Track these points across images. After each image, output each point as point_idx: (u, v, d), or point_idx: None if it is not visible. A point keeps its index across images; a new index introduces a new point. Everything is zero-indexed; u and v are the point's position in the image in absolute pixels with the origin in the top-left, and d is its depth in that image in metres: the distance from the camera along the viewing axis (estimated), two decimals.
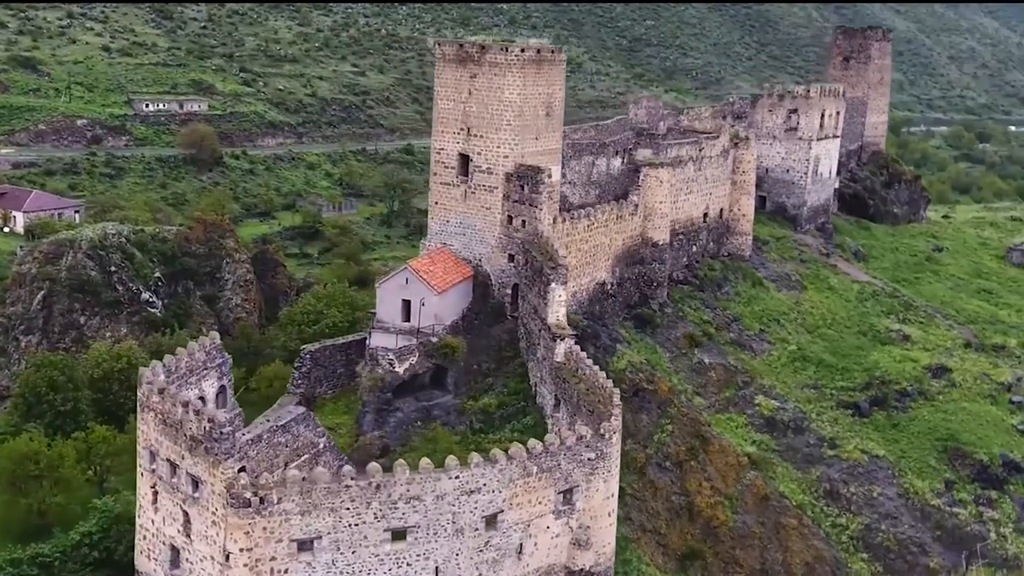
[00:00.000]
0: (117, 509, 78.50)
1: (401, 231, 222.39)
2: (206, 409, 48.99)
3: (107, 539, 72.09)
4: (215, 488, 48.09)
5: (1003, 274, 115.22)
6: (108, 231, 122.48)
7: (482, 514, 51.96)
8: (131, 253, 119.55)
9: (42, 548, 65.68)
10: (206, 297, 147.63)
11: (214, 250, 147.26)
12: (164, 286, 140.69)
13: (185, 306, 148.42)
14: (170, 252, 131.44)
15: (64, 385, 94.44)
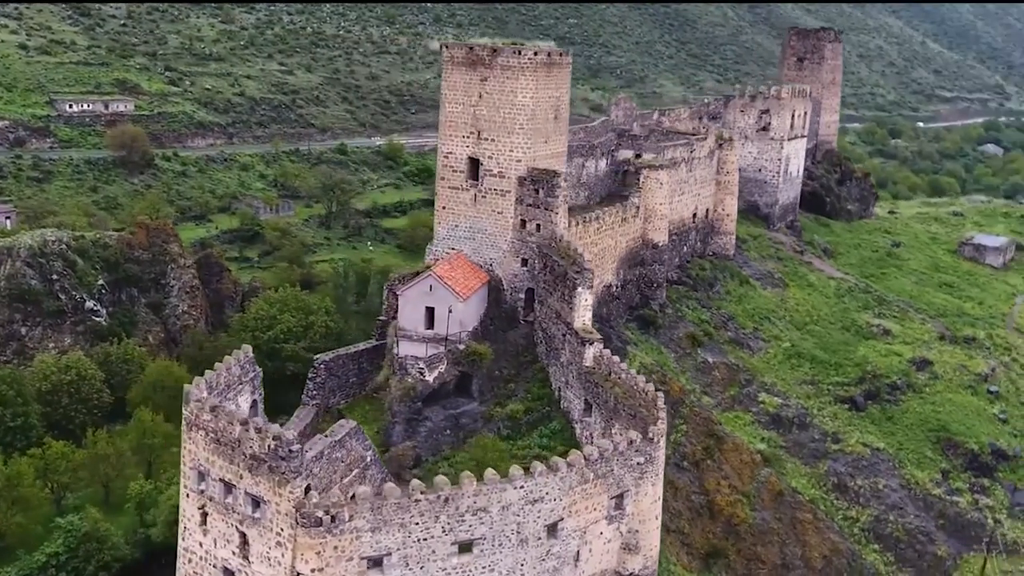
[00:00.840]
0: (84, 528, 75.88)
1: (340, 232, 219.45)
2: (271, 427, 47.40)
3: (75, 559, 69.89)
4: (281, 508, 46.71)
5: (959, 268, 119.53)
6: (48, 238, 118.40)
7: (544, 523, 51.71)
8: (72, 260, 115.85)
9: (8, 572, 63.05)
10: (151, 304, 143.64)
11: (158, 256, 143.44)
12: (108, 294, 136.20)
13: (130, 314, 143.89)
14: (113, 259, 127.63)
15: (13, 400, 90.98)
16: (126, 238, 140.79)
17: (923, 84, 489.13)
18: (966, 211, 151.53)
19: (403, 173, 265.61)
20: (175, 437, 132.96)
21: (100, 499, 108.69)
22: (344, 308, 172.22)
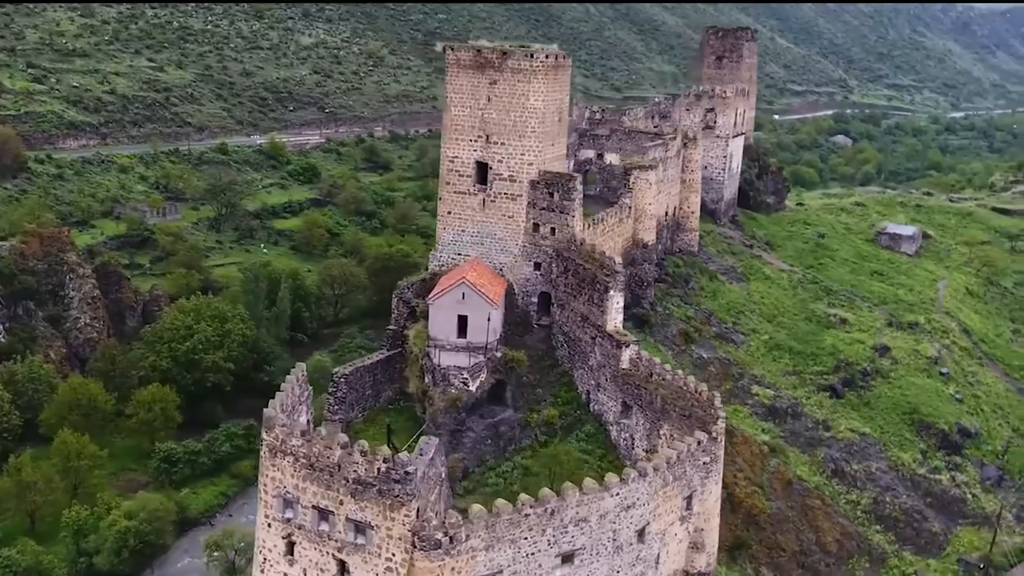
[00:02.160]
0: (23, 562, 71.58)
1: (231, 235, 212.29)
2: (381, 450, 45.66)
3: None
4: (393, 532, 45.25)
5: (881, 257, 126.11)
6: None
7: (636, 528, 51.99)
8: None
9: None
10: (50, 318, 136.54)
11: (54, 266, 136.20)
12: (3, 308, 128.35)
13: (28, 329, 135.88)
14: (6, 270, 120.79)
15: None
16: (18, 248, 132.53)
17: (775, 79, 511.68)
18: (866, 201, 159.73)
19: (287, 172, 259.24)
20: (102, 458, 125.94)
21: (26, 528, 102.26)
22: (256, 314, 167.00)
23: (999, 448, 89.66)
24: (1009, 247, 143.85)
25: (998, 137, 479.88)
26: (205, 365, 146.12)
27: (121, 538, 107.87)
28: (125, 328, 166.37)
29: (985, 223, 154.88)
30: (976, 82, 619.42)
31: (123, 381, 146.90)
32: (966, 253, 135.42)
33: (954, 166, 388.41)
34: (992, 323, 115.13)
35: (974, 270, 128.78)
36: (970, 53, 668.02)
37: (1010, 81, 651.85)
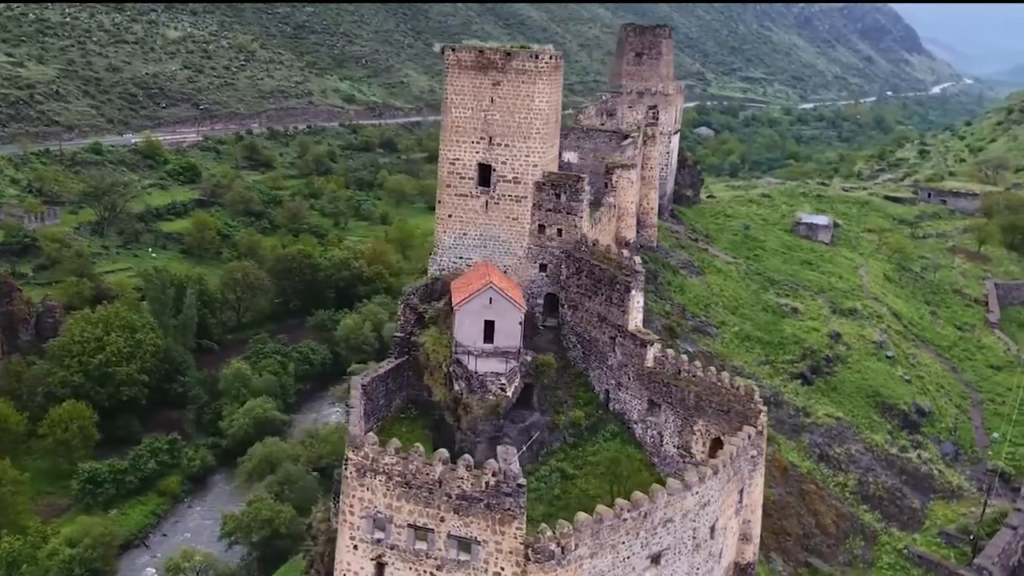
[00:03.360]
0: None
1: (116, 240, 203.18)
2: (489, 463, 44.84)
3: None
4: (503, 546, 44.70)
5: (804, 246, 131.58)
6: None
7: (709, 525, 52.91)
8: None
9: None
10: None
11: None
12: None
13: None
14: None
15: None
16: None
17: None
18: (772, 192, 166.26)
19: (166, 172, 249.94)
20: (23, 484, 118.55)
21: None
22: (163, 323, 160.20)
23: (950, 425, 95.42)
24: (909, 233, 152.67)
25: (845, 127, 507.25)
26: (119, 378, 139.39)
27: (66, 568, 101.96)
28: (19, 342, 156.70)
29: (882, 211, 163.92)
30: (820, 75, 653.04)
31: (32, 398, 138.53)
32: (874, 240, 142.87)
33: (810, 155, 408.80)
34: (913, 306, 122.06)
35: (886, 256, 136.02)
36: (813, 47, 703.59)
37: (850, 74, 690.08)
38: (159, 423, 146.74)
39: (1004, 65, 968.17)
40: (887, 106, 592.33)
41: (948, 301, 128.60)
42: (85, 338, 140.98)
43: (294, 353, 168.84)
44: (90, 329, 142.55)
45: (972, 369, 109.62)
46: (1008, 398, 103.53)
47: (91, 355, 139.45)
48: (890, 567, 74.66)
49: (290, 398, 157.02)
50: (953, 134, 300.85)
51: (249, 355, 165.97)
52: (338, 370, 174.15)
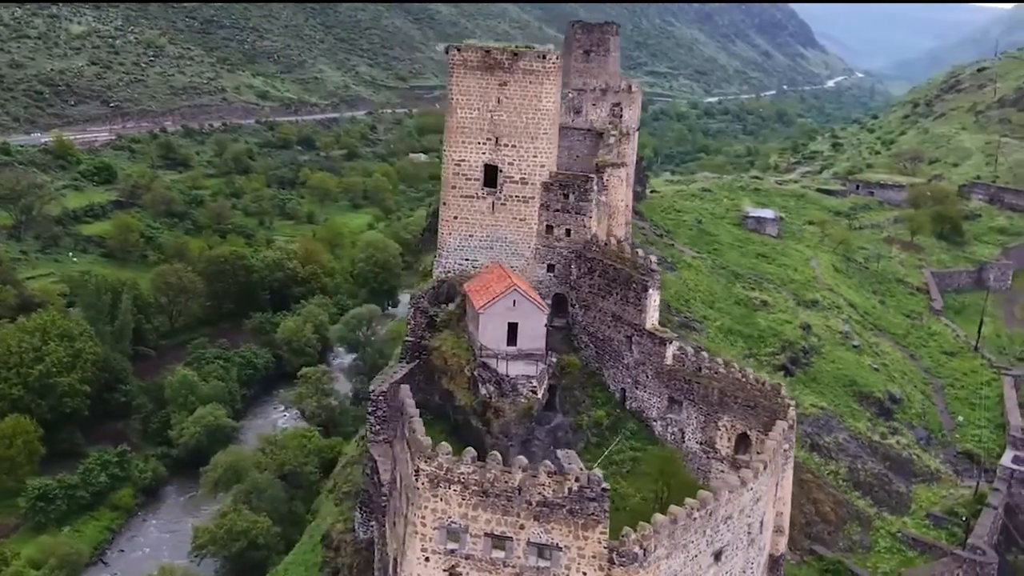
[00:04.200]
0: None
1: (34, 244, 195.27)
2: (571, 469, 44.67)
3: None
4: (585, 551, 44.75)
5: (754, 239, 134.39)
6: None
7: (760, 520, 53.85)
8: None
9: None
10: None
11: None
12: None
13: None
14: None
15: None
16: None
17: None
18: (711, 187, 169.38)
19: (79, 173, 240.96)
20: None
21: None
22: (99, 330, 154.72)
23: (919, 411, 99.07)
24: (846, 225, 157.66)
25: (749, 120, 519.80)
26: (60, 389, 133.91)
27: None
28: None
29: (818, 203, 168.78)
30: (722, 69, 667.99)
31: None
32: (816, 233, 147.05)
33: (720, 148, 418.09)
34: (863, 296, 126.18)
35: (831, 248, 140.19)
36: (714, 42, 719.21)
37: (750, 68, 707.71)
38: (103, 435, 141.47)
39: (890, 59, 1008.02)
40: (786, 99, 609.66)
41: (893, 290, 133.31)
42: (23, 348, 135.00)
43: (236, 358, 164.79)
44: (27, 339, 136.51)
45: (928, 356, 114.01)
46: (965, 383, 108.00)
47: (30, 366, 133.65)
48: (888, 551, 77.22)
49: (237, 404, 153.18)
50: (862, 127, 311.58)
51: (190, 361, 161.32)
52: (281, 374, 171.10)
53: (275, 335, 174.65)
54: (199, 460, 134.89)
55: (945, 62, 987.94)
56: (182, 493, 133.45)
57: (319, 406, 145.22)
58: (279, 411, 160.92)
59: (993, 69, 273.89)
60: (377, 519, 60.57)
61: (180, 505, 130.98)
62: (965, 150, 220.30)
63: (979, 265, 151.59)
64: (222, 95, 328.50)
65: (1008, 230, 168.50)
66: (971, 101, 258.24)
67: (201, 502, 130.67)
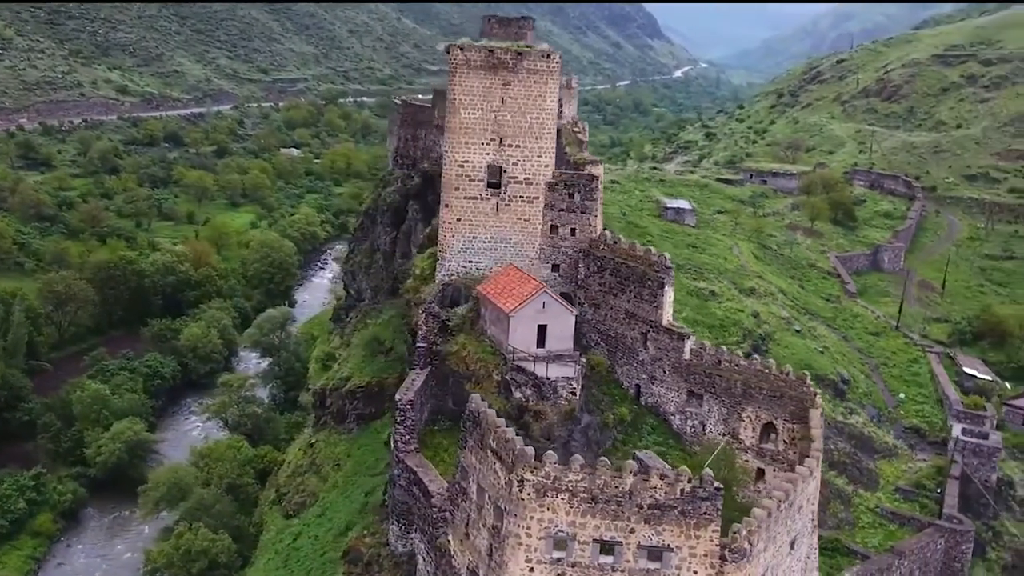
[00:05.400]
0: None
1: None
2: (682, 470, 45.00)
3: None
4: (697, 550, 45.52)
5: (678, 230, 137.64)
6: None
7: (814, 508, 55.78)
8: None
9: None
10: None
11: None
12: None
13: None
14: None
15: None
16: None
17: (410, 59, 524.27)
18: (618, 179, 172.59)
19: None
20: None
21: None
22: None
23: (865, 390, 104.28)
24: (752, 213, 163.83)
25: (608, 110, 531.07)
26: None
27: None
28: None
29: (721, 193, 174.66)
30: (576, 60, 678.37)
31: None
32: (728, 222, 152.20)
33: None
34: (786, 282, 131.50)
35: (746, 236, 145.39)
36: (567, 33, 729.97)
37: (602, 59, 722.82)
38: (9, 457, 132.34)
39: (730, 50, 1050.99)
40: (640, 89, 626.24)
41: (808, 275, 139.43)
42: None
43: (142, 368, 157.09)
44: None
45: (857, 337, 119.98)
46: (896, 361, 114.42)
47: None
48: (871, 526, 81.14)
49: (149, 417, 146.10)
50: (730, 116, 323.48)
51: (93, 374, 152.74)
52: (188, 382, 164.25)
53: (177, 342, 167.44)
54: (120, 479, 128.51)
55: (780, 52, 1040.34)
56: (105, 514, 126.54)
57: (243, 414, 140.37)
58: (192, 422, 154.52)
59: (853, 61, 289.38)
60: (421, 531, 59.35)
61: (105, 528, 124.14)
62: (838, 138, 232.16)
63: (874, 248, 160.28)
64: (79, 90, 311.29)
65: (892, 214, 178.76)
66: (834, 91, 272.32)
67: (129, 523, 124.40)
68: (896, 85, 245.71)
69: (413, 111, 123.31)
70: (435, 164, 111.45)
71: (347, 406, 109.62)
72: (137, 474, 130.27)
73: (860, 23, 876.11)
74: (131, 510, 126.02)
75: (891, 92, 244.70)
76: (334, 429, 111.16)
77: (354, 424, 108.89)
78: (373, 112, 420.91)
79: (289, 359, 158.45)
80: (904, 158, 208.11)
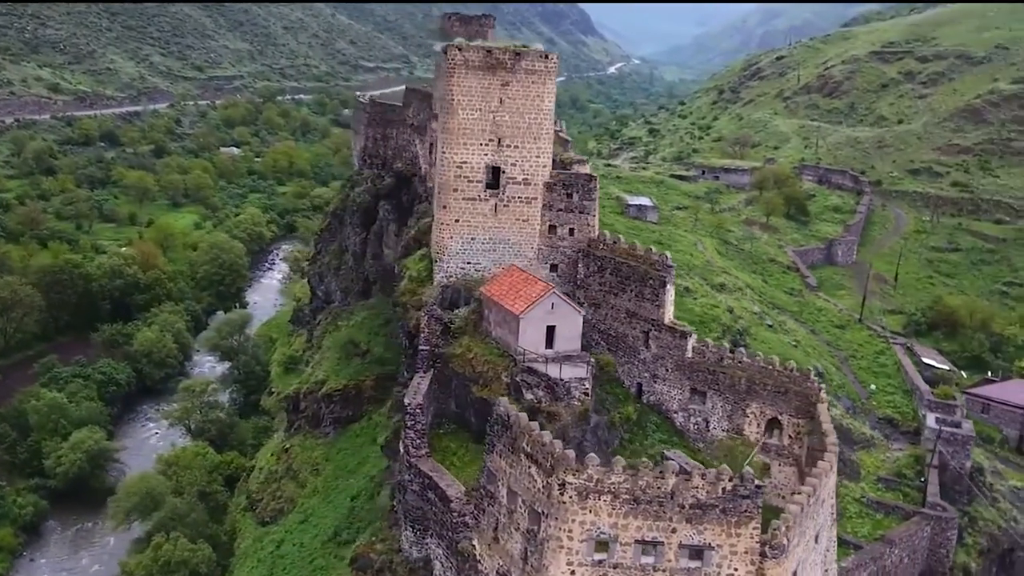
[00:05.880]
0: None
1: None
2: (722, 470, 45.41)
3: None
4: (738, 547, 46.14)
5: (642, 227, 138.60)
6: None
7: (832, 501, 56.81)
8: None
9: None
10: None
11: None
12: None
13: None
14: None
15: None
16: None
17: (347, 55, 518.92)
18: None
19: None
20: None
21: None
22: None
23: (839, 382, 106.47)
24: (709, 209, 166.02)
25: None
26: None
27: None
28: None
29: (677, 189, 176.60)
30: None
31: None
32: (687, 218, 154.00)
33: None
34: (751, 277, 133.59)
35: (707, 232, 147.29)
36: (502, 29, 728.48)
37: None
38: None
39: (661, 46, 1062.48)
40: (576, 85, 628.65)
41: (769, 269, 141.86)
42: None
43: (96, 374, 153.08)
44: None
45: (824, 330, 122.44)
46: (863, 353, 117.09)
47: None
48: (858, 516, 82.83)
49: (108, 425, 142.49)
50: (672, 113, 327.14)
51: (45, 382, 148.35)
52: (144, 388, 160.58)
53: (130, 347, 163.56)
54: (81, 489, 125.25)
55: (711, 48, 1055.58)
56: (68, 527, 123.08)
57: (206, 420, 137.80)
58: (150, 428, 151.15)
59: (792, 58, 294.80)
60: (439, 536, 58.96)
61: (69, 540, 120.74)
62: (783, 134, 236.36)
63: (827, 242, 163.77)
64: (9, 88, 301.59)
65: (842, 208, 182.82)
66: (775, 88, 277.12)
67: (93, 535, 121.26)
68: (837, 81, 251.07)
69: (382, 110, 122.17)
70: (409, 164, 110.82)
71: (323, 410, 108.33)
72: (99, 484, 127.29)
73: (788, 20, 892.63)
74: (95, 521, 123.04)
75: (832, 88, 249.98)
76: (309, 433, 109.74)
77: (331, 428, 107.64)
78: (311, 110, 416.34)
79: (249, 363, 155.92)
80: (849, 153, 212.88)
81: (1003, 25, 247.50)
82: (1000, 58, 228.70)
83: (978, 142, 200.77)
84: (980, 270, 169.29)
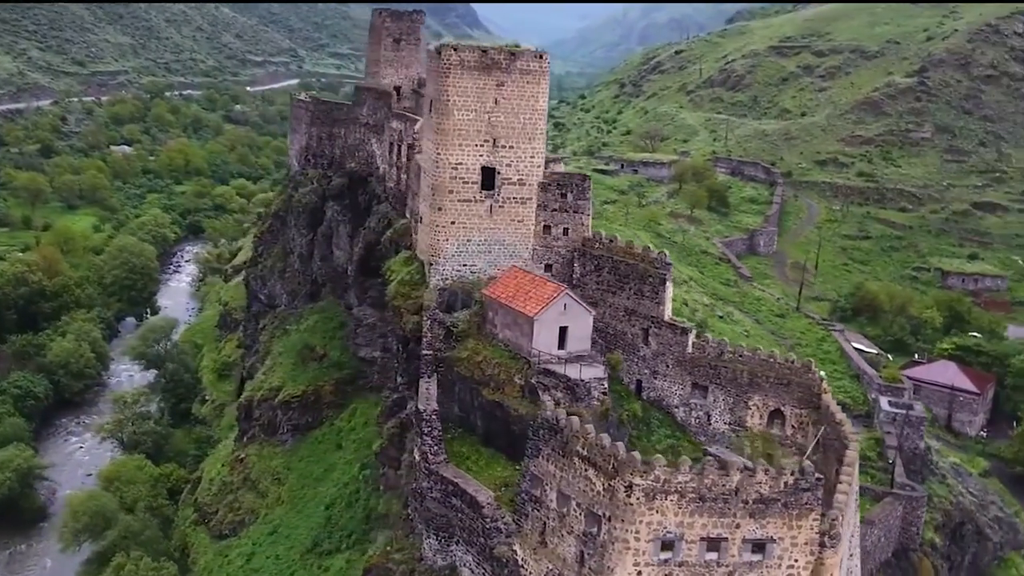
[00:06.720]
0: None
1: None
2: (785, 464, 46.40)
3: None
4: (799, 539, 47.35)
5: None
6: None
7: (855, 488, 58.73)
8: None
9: None
10: None
11: None
12: None
13: None
14: None
15: None
16: None
17: (233, 49, 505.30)
18: None
19: None
20: None
21: None
22: None
23: None
24: (637, 203, 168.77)
25: None
26: None
27: None
28: None
29: (601, 183, 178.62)
30: None
31: None
32: (617, 212, 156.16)
33: None
34: (691, 270, 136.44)
35: (640, 226, 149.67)
36: None
37: None
38: None
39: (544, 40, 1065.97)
40: None
41: (704, 262, 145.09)
42: None
43: (12, 388, 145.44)
44: None
45: (767, 319, 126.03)
46: (806, 340, 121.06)
47: None
48: None
49: (29, 440, 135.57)
50: (574, 107, 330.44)
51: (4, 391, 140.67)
52: (62, 401, 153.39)
53: (43, 358, 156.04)
54: (10, 510, 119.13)
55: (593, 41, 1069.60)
56: (0, 551, 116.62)
57: (140, 432, 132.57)
58: (74, 443, 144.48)
59: (692, 52, 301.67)
60: (468, 543, 58.34)
61: (2, 565, 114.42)
62: (690, 127, 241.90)
63: (749, 233, 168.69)
64: None
65: (757, 199, 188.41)
66: (678, 82, 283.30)
67: (28, 558, 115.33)
68: (739, 75, 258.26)
69: (327, 108, 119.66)
70: (364, 164, 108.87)
71: (279, 417, 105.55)
72: (29, 504, 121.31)
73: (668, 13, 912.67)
74: (28, 543, 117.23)
75: (735, 82, 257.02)
76: (266, 442, 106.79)
77: (288, 435, 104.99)
78: (202, 105, 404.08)
79: (178, 370, 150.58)
80: (758, 145, 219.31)
81: (891, 21, 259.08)
82: (892, 52, 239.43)
83: (879, 133, 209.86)
84: (891, 256, 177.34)
